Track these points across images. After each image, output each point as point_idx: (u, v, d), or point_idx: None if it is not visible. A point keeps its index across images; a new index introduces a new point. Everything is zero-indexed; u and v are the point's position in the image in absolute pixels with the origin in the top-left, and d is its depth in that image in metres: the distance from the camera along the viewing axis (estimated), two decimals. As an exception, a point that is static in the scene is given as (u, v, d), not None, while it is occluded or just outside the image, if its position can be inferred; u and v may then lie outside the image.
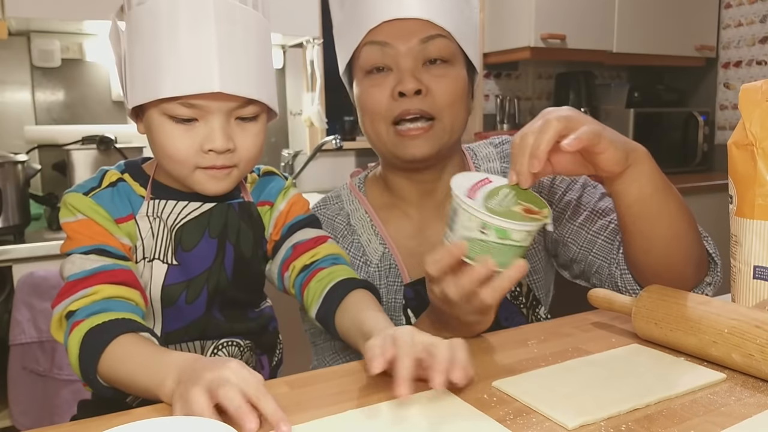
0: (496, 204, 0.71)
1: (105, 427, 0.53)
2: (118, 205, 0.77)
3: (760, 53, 3.14)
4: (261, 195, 0.87)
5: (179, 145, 0.73)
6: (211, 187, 0.76)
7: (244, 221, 0.83)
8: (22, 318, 1.63)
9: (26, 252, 1.63)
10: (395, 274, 0.97)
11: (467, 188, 0.72)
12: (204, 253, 0.80)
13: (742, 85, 0.77)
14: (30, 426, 1.64)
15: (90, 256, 0.73)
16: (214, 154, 0.74)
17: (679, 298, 0.74)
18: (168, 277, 0.78)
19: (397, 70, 0.90)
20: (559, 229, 0.96)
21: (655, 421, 0.56)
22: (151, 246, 0.78)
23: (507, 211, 0.70)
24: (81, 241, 0.74)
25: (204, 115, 0.73)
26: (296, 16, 2.23)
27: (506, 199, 0.72)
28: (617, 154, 0.74)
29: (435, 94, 0.89)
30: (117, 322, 0.68)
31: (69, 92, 2.21)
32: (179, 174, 0.76)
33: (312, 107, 2.54)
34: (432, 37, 0.89)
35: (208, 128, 0.73)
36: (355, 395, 0.63)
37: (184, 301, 0.79)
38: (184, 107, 0.72)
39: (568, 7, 2.83)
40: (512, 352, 0.74)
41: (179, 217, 0.79)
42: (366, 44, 0.91)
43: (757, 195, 0.75)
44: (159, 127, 0.74)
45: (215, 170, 0.75)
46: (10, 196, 1.68)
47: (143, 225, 0.78)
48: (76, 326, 0.68)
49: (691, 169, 3.17)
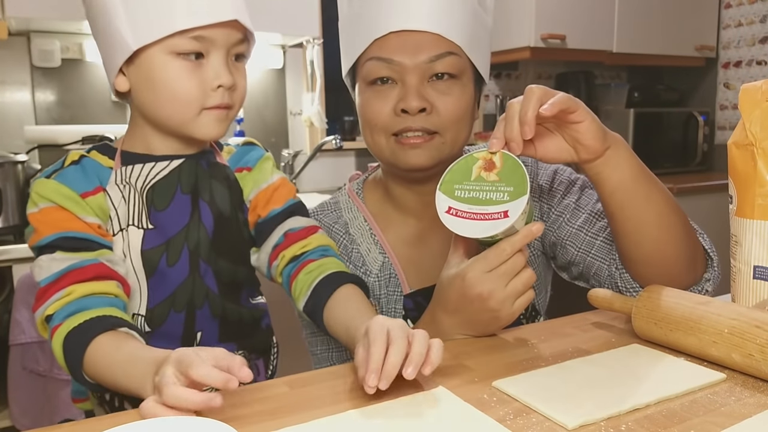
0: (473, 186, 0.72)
1: (105, 427, 0.53)
2: (82, 181, 0.75)
3: (760, 53, 3.14)
4: (239, 162, 0.86)
5: (188, 85, 0.73)
6: (214, 129, 0.76)
7: (217, 180, 0.82)
8: (22, 318, 1.63)
9: (26, 252, 1.63)
10: (395, 284, 0.96)
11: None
12: (179, 211, 0.79)
13: (742, 85, 0.77)
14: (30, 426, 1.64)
15: (56, 255, 0.72)
16: (221, 91, 0.74)
17: (679, 298, 0.74)
18: (145, 241, 0.77)
19: (401, 85, 0.87)
20: (557, 231, 0.96)
21: (655, 421, 0.56)
22: (125, 214, 0.77)
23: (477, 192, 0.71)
24: (43, 231, 0.73)
25: (210, 51, 0.74)
26: (296, 16, 2.23)
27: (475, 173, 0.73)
28: (594, 125, 0.76)
29: (440, 111, 0.87)
30: (93, 322, 0.68)
31: (69, 92, 2.21)
32: (182, 118, 0.75)
33: (312, 107, 2.54)
34: (442, 56, 0.86)
35: (215, 64, 0.74)
36: (355, 395, 0.63)
37: (165, 263, 0.78)
38: (194, 41, 0.72)
39: (568, 7, 2.83)
40: (512, 352, 0.74)
41: (148, 178, 0.78)
42: (371, 59, 0.88)
43: (757, 195, 0.75)
44: (163, 68, 0.73)
45: (219, 110, 0.76)
46: (10, 196, 1.68)
47: (114, 194, 0.77)
48: (55, 331, 0.68)
49: (691, 169, 3.17)
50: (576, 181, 0.98)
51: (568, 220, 0.95)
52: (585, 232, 0.93)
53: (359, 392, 0.64)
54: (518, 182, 0.70)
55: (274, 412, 0.60)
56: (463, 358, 0.73)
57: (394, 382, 0.59)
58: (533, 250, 0.99)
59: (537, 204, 0.99)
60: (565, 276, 1.01)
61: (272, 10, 2.17)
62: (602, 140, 0.77)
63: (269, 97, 2.60)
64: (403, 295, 0.95)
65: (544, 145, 0.79)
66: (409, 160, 0.88)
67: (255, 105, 2.56)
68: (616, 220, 0.83)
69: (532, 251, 0.99)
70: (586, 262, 0.93)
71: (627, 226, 0.82)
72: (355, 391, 0.64)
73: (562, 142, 0.79)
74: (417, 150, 0.87)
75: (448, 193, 0.72)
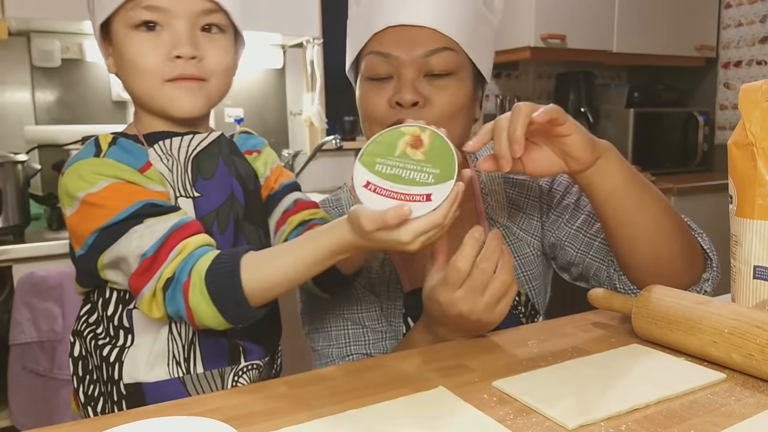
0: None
1: (105, 427, 0.53)
2: (132, 158, 0.73)
3: (760, 53, 3.14)
4: (245, 146, 0.87)
5: (147, 55, 0.72)
6: (183, 102, 0.74)
7: (238, 156, 0.84)
8: (22, 318, 1.63)
9: (26, 252, 1.63)
10: (395, 281, 0.96)
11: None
12: (223, 180, 0.79)
13: (742, 85, 0.77)
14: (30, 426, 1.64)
15: (148, 222, 0.68)
16: (182, 62, 0.72)
17: (679, 298, 0.74)
18: (197, 210, 0.76)
19: (397, 79, 0.87)
20: (556, 231, 0.96)
21: (655, 421, 0.56)
22: (175, 185, 0.76)
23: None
24: (115, 207, 0.68)
25: (168, 21, 0.72)
26: (296, 16, 2.23)
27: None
28: (582, 137, 0.76)
29: (434, 106, 0.87)
30: (228, 252, 0.67)
31: (69, 92, 2.21)
32: (150, 92, 0.74)
33: (312, 107, 2.54)
34: (438, 50, 0.86)
35: (174, 34, 0.72)
36: (355, 395, 0.63)
37: (218, 231, 0.77)
38: (146, 11, 0.71)
39: (568, 7, 2.83)
40: (512, 352, 0.74)
41: (190, 148, 0.77)
42: (369, 53, 0.89)
43: (757, 195, 0.75)
44: (126, 43, 0.72)
45: (185, 81, 0.73)
46: (10, 196, 1.68)
47: (161, 169, 0.75)
48: (188, 286, 0.65)
49: (691, 169, 3.17)
50: (575, 183, 0.98)
51: (567, 221, 0.95)
52: (584, 233, 0.93)
53: (359, 392, 0.64)
54: (446, 165, 0.64)
55: (274, 412, 0.60)
56: (463, 358, 0.73)
57: (394, 382, 0.59)
58: (533, 250, 0.99)
59: (537, 204, 0.99)
60: (566, 277, 1.01)
61: (272, 10, 2.17)
62: (591, 151, 0.77)
63: (269, 97, 2.60)
64: (403, 293, 0.95)
65: (533, 160, 0.79)
66: None
67: (255, 105, 2.55)
68: (610, 226, 0.83)
69: (531, 251, 0.99)
70: (585, 263, 0.93)
71: (621, 232, 0.82)
72: (355, 391, 0.64)
73: (551, 155, 0.79)
74: None
75: (368, 166, 0.64)
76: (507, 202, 1.00)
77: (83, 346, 0.79)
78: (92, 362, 0.78)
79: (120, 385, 0.75)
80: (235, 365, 0.79)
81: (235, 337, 0.79)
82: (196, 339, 0.77)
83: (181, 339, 0.76)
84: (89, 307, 0.80)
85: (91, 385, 0.78)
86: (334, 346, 0.97)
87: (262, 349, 0.82)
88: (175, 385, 0.75)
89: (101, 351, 0.76)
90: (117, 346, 0.76)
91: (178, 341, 0.76)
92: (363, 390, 0.64)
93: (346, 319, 0.96)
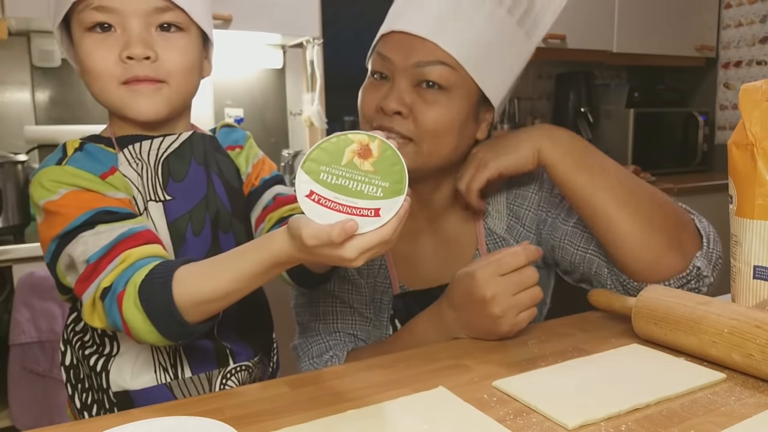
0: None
1: (105, 427, 0.53)
2: (95, 164, 0.72)
3: (760, 53, 3.14)
4: (227, 141, 0.85)
5: (98, 57, 0.70)
6: (139, 104, 0.72)
7: (220, 153, 0.82)
8: (22, 318, 1.63)
9: (26, 252, 1.63)
10: (384, 277, 0.95)
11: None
12: (196, 180, 0.77)
13: (743, 85, 0.77)
14: (30, 426, 1.64)
15: (99, 228, 0.68)
16: (134, 63, 0.70)
17: (679, 298, 0.74)
18: (168, 213, 0.75)
19: (390, 85, 0.88)
20: (554, 233, 0.96)
21: (655, 421, 0.56)
22: (144, 190, 0.75)
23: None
24: (71, 214, 0.68)
25: (121, 21, 0.70)
26: (296, 16, 2.23)
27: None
28: (519, 163, 0.87)
29: (418, 119, 0.85)
30: (163, 264, 0.64)
31: (69, 92, 2.21)
32: (106, 96, 0.72)
33: (312, 107, 2.54)
34: (432, 63, 0.85)
35: (125, 35, 0.70)
36: (355, 395, 0.63)
37: (192, 233, 0.76)
38: (96, 12, 0.69)
39: (568, 7, 2.79)
40: (512, 352, 0.74)
41: (160, 150, 0.76)
42: (375, 52, 0.91)
43: (757, 195, 0.75)
44: (80, 45, 0.71)
45: (139, 84, 0.71)
46: (10, 196, 1.68)
47: (129, 173, 0.74)
48: (122, 297, 0.63)
49: (691, 169, 3.17)
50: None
51: (563, 220, 0.95)
52: (581, 229, 0.93)
53: (359, 392, 0.64)
54: (396, 179, 0.60)
55: (274, 412, 0.60)
56: (463, 358, 0.73)
57: (394, 382, 0.59)
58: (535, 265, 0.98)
59: (536, 215, 0.98)
60: (570, 280, 1.01)
61: (272, 10, 2.17)
62: (533, 163, 0.87)
63: (269, 97, 2.59)
64: (393, 294, 0.95)
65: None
66: None
67: (255, 105, 2.55)
68: (583, 216, 0.88)
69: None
70: (585, 260, 0.93)
71: (584, 215, 0.88)
72: (355, 391, 0.64)
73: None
74: None
75: (312, 173, 0.59)
76: (507, 213, 0.99)
77: (74, 354, 0.79)
78: (83, 370, 0.78)
79: (110, 393, 0.74)
80: (223, 368, 0.78)
81: (222, 340, 0.78)
82: (180, 345, 0.75)
83: (165, 346, 0.75)
84: (75, 315, 0.79)
85: (84, 393, 0.78)
86: (321, 322, 0.95)
87: (251, 350, 0.81)
88: (162, 391, 0.74)
89: (89, 360, 0.76)
90: (103, 354, 0.75)
91: (162, 348, 0.75)
92: (363, 390, 0.64)
93: (335, 297, 0.95)
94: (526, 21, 0.92)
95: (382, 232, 0.56)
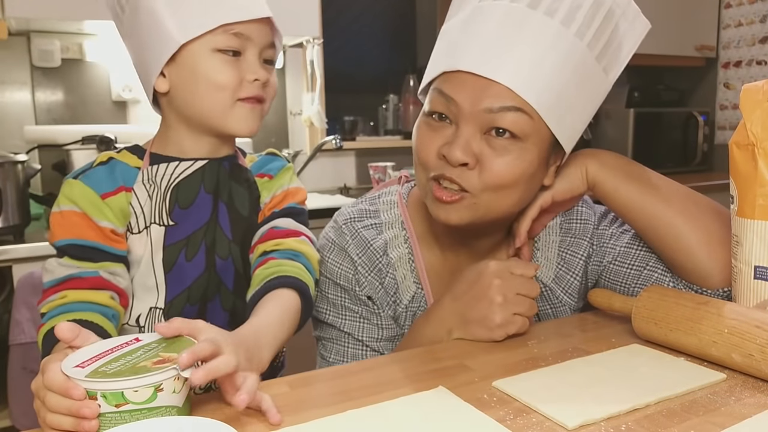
0: (123, 363, 0.55)
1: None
2: (105, 181, 0.80)
3: (760, 53, 3.14)
4: (261, 169, 0.90)
5: (227, 75, 0.79)
6: (247, 123, 0.81)
7: (237, 182, 0.86)
8: (22, 318, 1.63)
9: (26, 252, 1.63)
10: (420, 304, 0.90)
11: (91, 356, 0.57)
12: (200, 209, 0.83)
13: (743, 85, 0.77)
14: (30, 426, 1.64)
15: (63, 260, 0.77)
16: (257, 84, 0.80)
17: (679, 298, 0.74)
18: (167, 237, 0.81)
19: (454, 129, 0.78)
20: (602, 259, 0.92)
21: (655, 421, 0.56)
22: (150, 212, 0.81)
23: (132, 368, 0.54)
24: (58, 234, 0.78)
25: (246, 48, 0.80)
26: (296, 16, 2.23)
27: (145, 354, 0.57)
28: (568, 186, 0.87)
29: (485, 171, 0.76)
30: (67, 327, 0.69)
31: (69, 92, 2.21)
32: (221, 109, 0.80)
33: (312, 107, 2.54)
34: (506, 109, 0.75)
35: (251, 61, 0.81)
36: (355, 395, 0.63)
37: (184, 258, 0.82)
38: (234, 37, 0.78)
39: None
40: (512, 352, 0.74)
41: (173, 176, 0.82)
42: (435, 89, 0.80)
43: (758, 195, 0.75)
44: (206, 61, 0.78)
45: (252, 103, 0.81)
46: (10, 196, 1.68)
47: (141, 193, 0.81)
48: (41, 328, 0.73)
49: (691, 169, 3.17)
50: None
51: (612, 245, 0.91)
52: (636, 248, 0.89)
53: (359, 392, 0.64)
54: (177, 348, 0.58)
55: (274, 412, 0.60)
56: (463, 358, 0.73)
57: (394, 382, 0.59)
58: (569, 310, 0.93)
59: (584, 262, 0.92)
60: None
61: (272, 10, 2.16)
62: (573, 192, 0.87)
63: (269, 97, 2.60)
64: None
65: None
66: (439, 213, 0.80)
67: (255, 105, 2.56)
68: (638, 229, 0.87)
69: (568, 311, 0.93)
70: (641, 277, 0.88)
71: (639, 227, 0.86)
72: (355, 391, 0.64)
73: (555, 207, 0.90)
74: (447, 208, 0.79)
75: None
76: (557, 262, 0.92)
77: None
78: None
79: None
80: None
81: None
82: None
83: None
84: None
85: None
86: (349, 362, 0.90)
87: None
88: None
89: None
90: None
91: None
92: (363, 390, 0.64)
93: (366, 347, 0.90)
94: (605, 55, 0.82)
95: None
